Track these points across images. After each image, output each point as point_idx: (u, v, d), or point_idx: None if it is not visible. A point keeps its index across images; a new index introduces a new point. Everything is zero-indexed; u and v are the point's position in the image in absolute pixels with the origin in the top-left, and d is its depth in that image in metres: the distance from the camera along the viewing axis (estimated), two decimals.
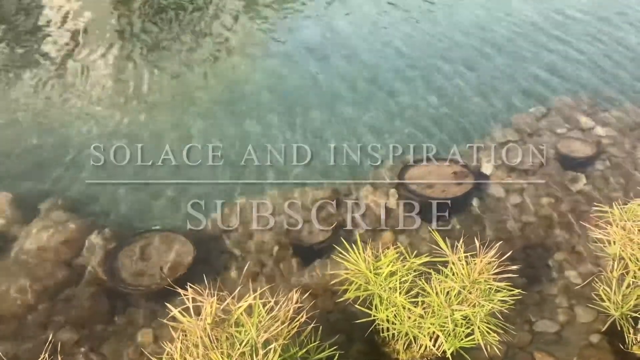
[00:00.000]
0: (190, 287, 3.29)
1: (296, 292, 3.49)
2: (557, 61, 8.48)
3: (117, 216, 5.70)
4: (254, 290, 3.36)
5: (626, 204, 4.17)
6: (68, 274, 4.93)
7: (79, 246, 5.19)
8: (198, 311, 3.24)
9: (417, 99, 7.59)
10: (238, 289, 3.42)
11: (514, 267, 3.70)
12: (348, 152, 6.56)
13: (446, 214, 5.59)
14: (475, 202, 5.78)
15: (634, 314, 3.78)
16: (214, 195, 5.88)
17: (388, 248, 3.95)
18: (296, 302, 3.41)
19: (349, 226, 5.50)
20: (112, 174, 6.19)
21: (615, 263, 3.81)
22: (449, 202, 5.58)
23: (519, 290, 3.66)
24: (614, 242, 3.80)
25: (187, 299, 3.24)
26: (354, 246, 4.02)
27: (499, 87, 7.85)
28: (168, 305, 3.36)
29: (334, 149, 6.57)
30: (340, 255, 4.06)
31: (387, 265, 3.78)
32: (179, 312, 3.24)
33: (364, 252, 3.93)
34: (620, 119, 7.04)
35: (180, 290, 3.34)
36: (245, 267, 4.76)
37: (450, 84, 7.94)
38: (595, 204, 4.25)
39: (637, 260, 3.61)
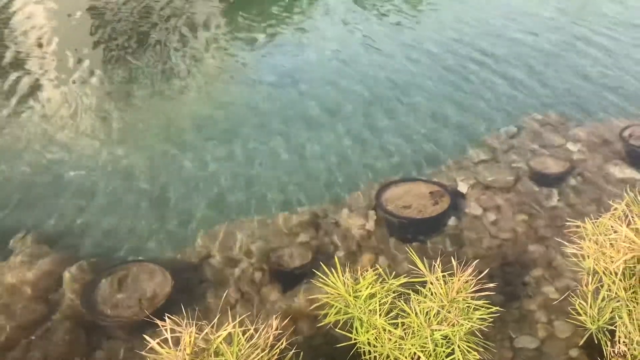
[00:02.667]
0: (169, 317, 3.26)
1: (276, 318, 3.48)
2: (525, 80, 8.68)
3: (94, 248, 5.63)
4: (234, 318, 3.34)
5: (598, 219, 4.25)
6: (45, 309, 4.85)
7: (56, 280, 5.12)
8: (178, 342, 3.20)
9: (392, 121, 7.68)
10: (217, 317, 3.39)
11: (492, 285, 3.74)
12: (325, 175, 6.61)
13: (424, 234, 5.63)
14: (452, 220, 5.84)
15: (610, 327, 3.83)
16: (191, 224, 5.87)
17: (367, 270, 3.96)
18: (276, 329, 3.39)
19: (328, 249, 5.51)
20: (87, 205, 6.14)
21: (590, 277, 3.87)
22: (426, 221, 5.63)
23: (497, 308, 3.69)
24: (588, 257, 3.85)
25: (166, 329, 3.21)
26: (333, 270, 4.02)
27: (471, 107, 7.99)
28: (146, 337, 3.32)
29: (311, 172, 6.62)
30: (319, 279, 4.06)
31: (366, 288, 3.79)
32: (158, 343, 3.20)
33: (343, 275, 3.93)
34: (590, 135, 7.20)
35: (158, 322, 3.30)
36: (224, 295, 4.73)
37: (423, 105, 8.06)
38: (568, 219, 4.32)
39: (611, 274, 3.67)
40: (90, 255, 5.46)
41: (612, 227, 3.77)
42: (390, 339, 3.68)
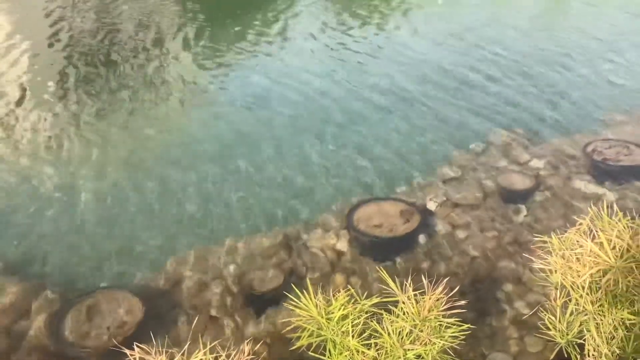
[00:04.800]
0: (137, 346, 3.20)
1: (248, 343, 3.43)
2: (490, 97, 8.84)
3: (62, 276, 5.51)
4: (205, 345, 3.29)
5: (565, 233, 4.32)
6: (11, 342, 4.70)
7: (22, 311, 4.98)
8: None
9: (362, 141, 7.73)
10: (188, 344, 3.34)
11: (462, 302, 3.75)
12: (296, 196, 6.61)
13: (395, 252, 5.66)
14: (422, 238, 5.88)
15: (579, 340, 3.88)
16: (161, 249, 5.79)
17: (339, 291, 3.95)
18: (248, 354, 3.35)
19: (300, 271, 5.48)
20: (54, 233, 6.02)
21: (558, 292, 3.92)
22: (397, 240, 5.66)
23: (469, 325, 3.70)
24: (555, 271, 3.91)
25: (135, 358, 3.14)
26: (305, 292, 4.00)
27: (438, 125, 8.09)
28: None
29: (281, 194, 6.61)
30: (291, 302, 4.03)
31: (339, 309, 3.77)
32: None
33: (315, 297, 3.91)
34: (555, 151, 7.36)
35: (127, 351, 3.23)
36: (195, 321, 4.66)
37: (391, 124, 8.14)
38: (536, 234, 4.38)
39: (578, 288, 3.73)
40: (57, 284, 5.34)
41: (577, 241, 3.83)
42: None
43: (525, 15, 13.00)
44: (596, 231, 3.80)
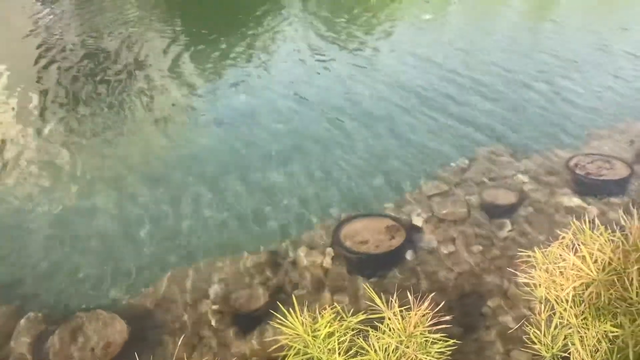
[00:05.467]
0: None
1: None
2: (474, 114, 8.94)
3: (46, 299, 5.45)
4: None
5: (548, 247, 4.36)
6: None
7: (5, 334, 4.91)
8: None
9: (347, 158, 7.76)
10: None
11: (448, 317, 3.77)
12: (283, 214, 6.61)
13: (382, 268, 5.67)
14: (409, 254, 5.90)
15: (564, 354, 3.90)
16: (147, 269, 5.76)
17: (325, 309, 3.95)
18: None
19: (287, 289, 5.47)
20: (38, 254, 5.97)
21: (542, 305, 3.95)
22: (383, 256, 5.68)
23: (455, 340, 3.72)
24: (539, 285, 3.94)
25: None
26: (291, 310, 3.99)
27: (423, 142, 8.15)
28: None
29: (267, 211, 6.62)
30: (278, 320, 4.02)
31: (325, 327, 3.77)
32: None
33: (301, 315, 3.90)
34: (538, 166, 7.44)
35: None
36: (180, 341, 4.63)
37: (376, 141, 8.20)
38: (520, 249, 4.42)
39: (562, 301, 3.76)
40: (41, 306, 5.28)
41: (560, 255, 3.87)
42: None
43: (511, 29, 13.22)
44: (578, 245, 3.85)
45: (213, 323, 5.06)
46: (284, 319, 3.98)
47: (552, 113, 8.98)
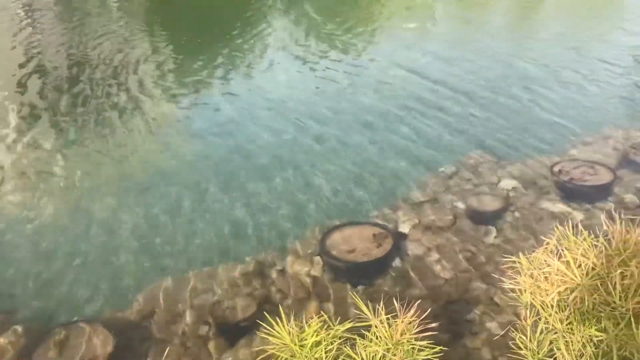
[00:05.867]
0: None
1: None
2: (459, 122, 9.01)
3: (30, 311, 5.39)
4: None
5: (533, 253, 4.39)
6: None
7: None
8: None
9: (334, 165, 7.78)
10: None
11: (434, 325, 3.78)
12: (269, 223, 6.60)
13: (369, 276, 5.67)
14: (396, 262, 5.91)
15: (549, 359, 3.92)
16: (132, 280, 5.72)
17: (312, 318, 3.94)
18: None
19: (274, 299, 5.46)
20: (19, 267, 5.91)
21: (528, 311, 3.97)
22: (370, 264, 5.68)
23: (441, 347, 3.72)
24: (525, 291, 3.97)
25: None
26: (278, 319, 3.98)
27: (410, 149, 8.20)
28: None
29: (254, 221, 6.60)
30: (265, 330, 4.00)
31: (312, 336, 3.76)
32: None
33: (288, 325, 3.89)
34: (523, 172, 7.50)
35: None
36: (166, 352, 4.60)
37: (364, 149, 8.23)
38: (505, 255, 4.45)
39: (547, 307, 3.78)
40: (25, 319, 5.22)
41: (545, 261, 3.90)
42: None
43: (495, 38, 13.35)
44: (562, 250, 3.88)
45: (200, 333, 5.03)
46: (271, 329, 3.97)
47: (536, 120, 9.06)
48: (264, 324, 4.04)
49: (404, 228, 6.41)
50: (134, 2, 17.82)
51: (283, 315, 3.98)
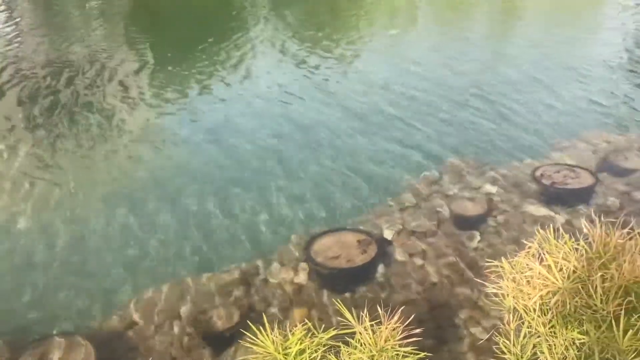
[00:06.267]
0: None
1: None
2: (442, 127, 9.06)
3: (9, 325, 5.31)
4: None
5: (516, 257, 4.41)
6: None
7: None
8: None
9: (317, 171, 7.78)
10: None
11: (418, 330, 3.78)
12: (254, 230, 6.58)
13: (354, 283, 5.67)
14: (380, 268, 5.91)
15: None
16: (115, 291, 5.66)
17: (296, 326, 3.92)
18: None
19: (259, 307, 5.43)
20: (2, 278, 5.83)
21: (511, 315, 3.98)
22: (355, 271, 5.68)
23: (426, 353, 3.72)
24: (508, 295, 3.98)
25: None
26: (262, 328, 3.96)
27: (392, 155, 8.22)
28: None
29: (239, 229, 6.58)
30: (249, 339, 3.98)
31: (296, 344, 3.74)
32: None
33: (272, 333, 3.87)
34: (505, 177, 7.56)
35: None
36: None
37: (347, 155, 8.24)
38: (488, 259, 4.46)
39: (530, 311, 3.80)
40: (4, 333, 5.14)
41: (527, 265, 3.92)
42: None
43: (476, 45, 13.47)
44: (544, 254, 3.91)
45: (184, 344, 4.99)
46: (254, 338, 3.94)
47: (517, 126, 9.13)
48: (248, 333, 4.02)
49: (388, 234, 6.42)
50: (114, 6, 17.73)
51: (267, 324, 3.96)
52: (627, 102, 9.96)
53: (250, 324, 4.13)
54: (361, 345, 3.74)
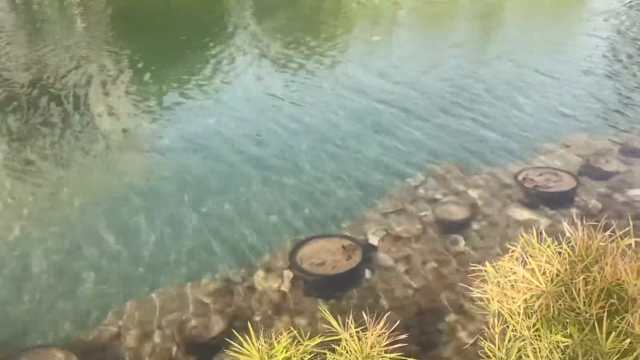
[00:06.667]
0: None
1: None
2: (423, 133, 9.09)
3: None
4: None
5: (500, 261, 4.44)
6: None
7: None
8: None
9: (302, 178, 7.78)
10: None
11: (404, 336, 3.78)
12: (237, 239, 6.55)
13: (340, 289, 5.66)
14: (366, 273, 5.91)
15: None
16: (98, 302, 5.60)
17: (282, 333, 3.91)
18: None
19: (245, 315, 5.40)
20: None
21: (495, 319, 4.00)
22: (341, 277, 5.67)
23: (411, 359, 3.72)
24: (492, 299, 4.00)
25: None
26: (247, 336, 3.93)
27: (377, 160, 8.24)
28: None
29: (222, 237, 6.55)
30: (234, 348, 3.95)
31: (281, 352, 3.72)
32: None
33: (257, 341, 3.85)
34: (489, 181, 7.61)
35: None
36: None
37: (331, 161, 8.24)
38: (473, 263, 4.48)
39: (514, 314, 3.82)
40: None
41: (511, 268, 3.95)
42: None
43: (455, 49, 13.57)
44: (527, 258, 3.93)
45: (170, 354, 4.94)
46: (240, 347, 3.92)
47: (499, 131, 9.17)
48: (233, 342, 4.00)
49: (373, 239, 6.43)
50: (96, 12, 17.61)
51: (252, 332, 3.94)
52: (607, 106, 10.09)
53: (235, 332, 4.12)
54: (347, 352, 3.73)
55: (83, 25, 16.40)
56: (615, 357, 3.25)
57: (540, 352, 3.76)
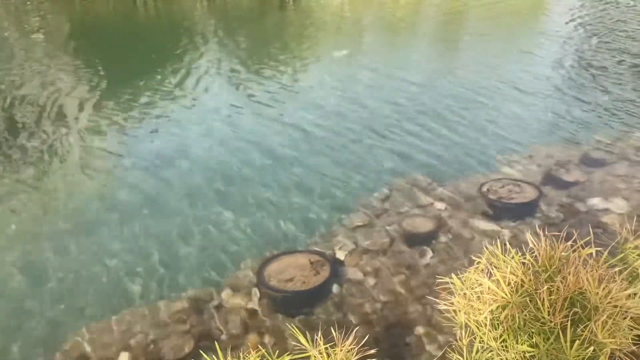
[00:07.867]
0: None
1: None
2: (388, 147, 9.18)
3: None
4: None
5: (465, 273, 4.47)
6: None
7: None
8: None
9: (268, 193, 7.74)
10: None
11: (373, 351, 3.77)
12: (203, 257, 6.47)
13: (309, 305, 5.63)
14: (335, 288, 5.89)
15: None
16: (60, 325, 5.44)
17: (250, 352, 3.85)
18: None
19: (212, 335, 5.31)
20: None
21: (463, 331, 4.03)
22: (309, 293, 5.64)
23: None
24: (459, 311, 4.03)
25: None
26: (215, 356, 3.87)
27: (342, 176, 8.26)
28: None
29: (189, 255, 6.46)
30: None
31: None
32: None
33: None
34: (454, 193, 7.70)
35: None
36: None
37: (296, 177, 8.23)
38: (439, 276, 4.51)
39: (481, 326, 3.85)
40: None
41: (477, 280, 3.98)
42: None
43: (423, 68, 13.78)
44: (492, 269, 3.98)
45: None
46: None
47: (463, 143, 9.34)
48: None
49: (341, 254, 6.42)
50: (54, 28, 17.33)
51: (219, 351, 3.88)
52: (568, 116, 10.36)
53: (202, 352, 4.06)
54: None
55: (43, 41, 16.10)
56: None
57: None
